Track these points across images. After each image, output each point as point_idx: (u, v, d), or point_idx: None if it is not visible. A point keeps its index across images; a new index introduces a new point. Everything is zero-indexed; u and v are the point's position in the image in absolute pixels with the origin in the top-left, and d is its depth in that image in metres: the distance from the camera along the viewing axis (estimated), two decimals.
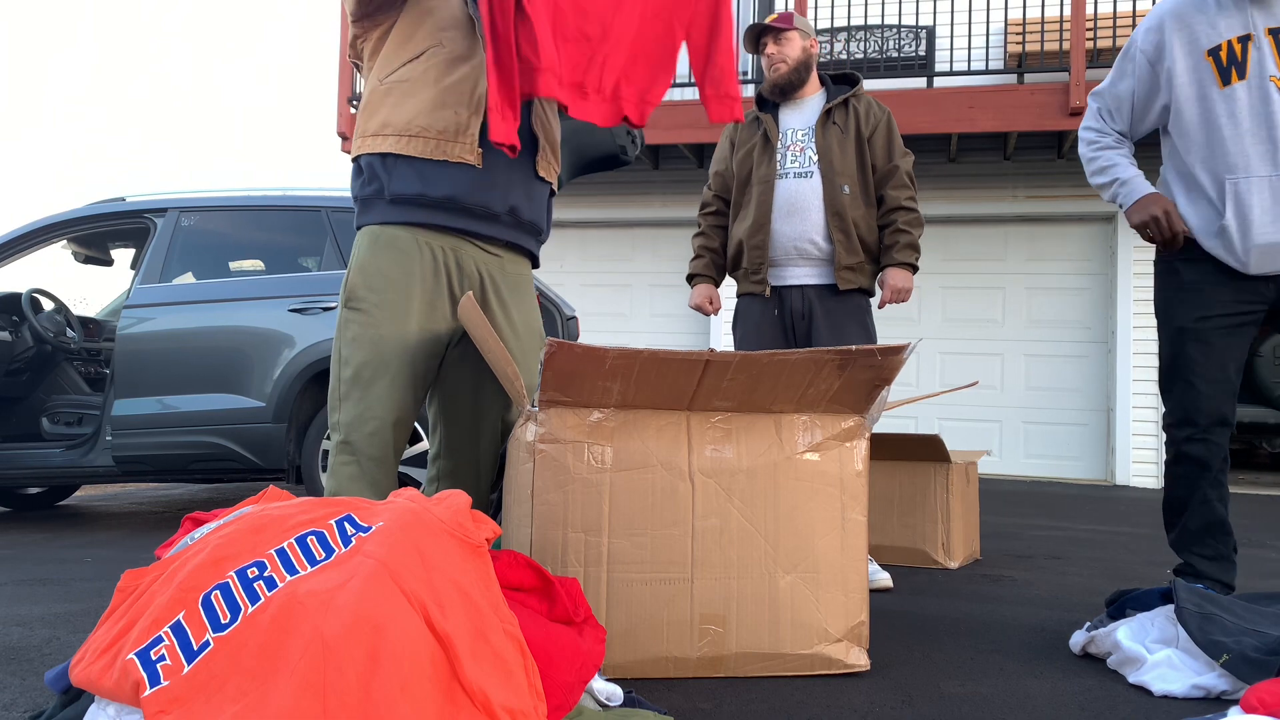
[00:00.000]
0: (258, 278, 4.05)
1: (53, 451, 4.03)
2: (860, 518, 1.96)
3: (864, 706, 1.75)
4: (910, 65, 7.07)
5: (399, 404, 2.03)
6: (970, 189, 7.24)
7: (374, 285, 2.03)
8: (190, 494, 5.78)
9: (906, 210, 2.82)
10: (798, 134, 2.89)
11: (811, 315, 2.86)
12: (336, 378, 2.05)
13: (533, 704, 1.29)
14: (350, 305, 2.05)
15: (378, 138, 2.03)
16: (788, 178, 2.86)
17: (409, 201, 2.04)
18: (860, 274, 2.84)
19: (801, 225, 2.82)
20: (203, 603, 1.26)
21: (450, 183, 2.03)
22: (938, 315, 7.44)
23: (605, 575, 1.85)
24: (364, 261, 2.05)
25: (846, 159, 2.83)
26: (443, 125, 2.01)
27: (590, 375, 1.78)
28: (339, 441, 2.04)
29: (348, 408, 2.02)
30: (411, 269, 2.04)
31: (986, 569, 3.27)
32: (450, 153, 2.02)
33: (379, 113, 2.04)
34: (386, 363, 2.01)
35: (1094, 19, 6.61)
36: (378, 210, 2.06)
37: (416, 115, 2.01)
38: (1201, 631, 1.84)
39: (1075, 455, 7.13)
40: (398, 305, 2.02)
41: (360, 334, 2.02)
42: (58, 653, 2.09)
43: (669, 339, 7.86)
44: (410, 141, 2.01)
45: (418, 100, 2.01)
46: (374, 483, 2.01)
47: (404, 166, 2.03)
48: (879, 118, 2.87)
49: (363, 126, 2.08)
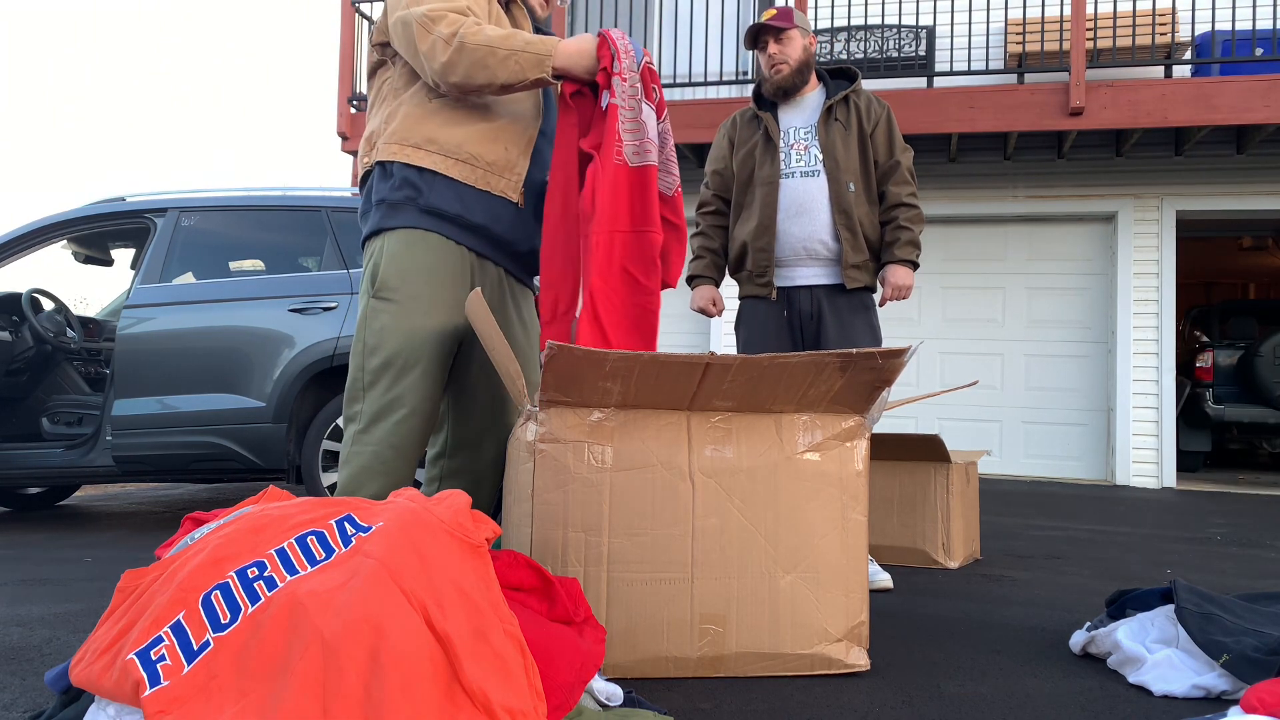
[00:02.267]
0: (258, 278, 4.05)
1: (53, 451, 4.03)
2: (860, 518, 1.96)
3: (864, 706, 1.75)
4: (910, 65, 7.06)
5: (428, 396, 2.04)
6: (970, 189, 7.24)
7: (408, 276, 2.02)
8: (190, 494, 5.78)
9: (908, 207, 2.81)
10: (800, 132, 2.86)
11: (820, 316, 2.84)
12: (361, 367, 2.04)
13: (533, 704, 1.29)
14: (381, 295, 2.03)
15: (420, 150, 2.02)
16: (794, 177, 2.83)
17: (446, 217, 2.04)
18: (865, 272, 2.83)
19: (810, 225, 2.81)
20: (203, 603, 1.26)
21: (487, 213, 2.06)
22: (938, 315, 7.44)
23: (605, 575, 1.85)
24: (397, 253, 2.04)
25: (850, 156, 2.81)
26: (493, 158, 2.04)
27: (591, 377, 1.78)
28: (359, 430, 2.02)
29: (374, 396, 2.02)
30: (445, 264, 2.05)
31: (986, 569, 3.27)
32: (494, 186, 2.05)
33: (423, 127, 2.03)
34: (420, 353, 2.02)
35: (1094, 19, 6.61)
36: (409, 215, 2.05)
37: (466, 141, 2.02)
38: (1201, 631, 1.84)
39: (1075, 455, 7.13)
40: (431, 298, 2.03)
41: (391, 324, 2.02)
42: (58, 653, 2.09)
43: (669, 339, 7.86)
44: (457, 165, 2.02)
45: (470, 128, 2.03)
46: (390, 472, 2.00)
47: (444, 185, 2.03)
48: (879, 113, 2.85)
49: (400, 134, 2.05)
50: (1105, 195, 7.00)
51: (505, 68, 1.92)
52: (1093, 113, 6.16)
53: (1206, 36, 6.41)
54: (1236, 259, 11.19)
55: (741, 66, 7.57)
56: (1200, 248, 10.40)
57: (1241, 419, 7.47)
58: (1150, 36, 6.55)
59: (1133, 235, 6.92)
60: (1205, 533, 4.38)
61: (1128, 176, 6.97)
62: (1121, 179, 6.98)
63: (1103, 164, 7.01)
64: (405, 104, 2.07)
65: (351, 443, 2.03)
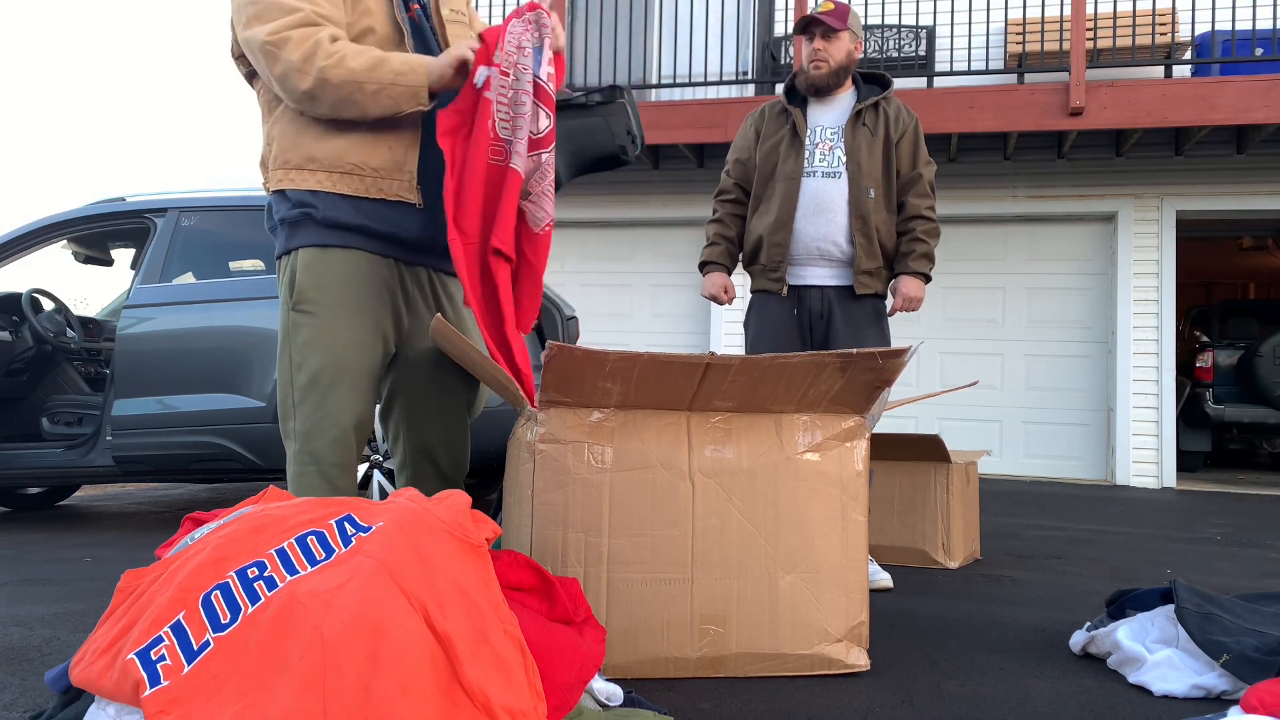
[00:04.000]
0: (258, 278, 4.05)
1: (53, 451, 4.03)
2: (860, 518, 1.96)
3: (864, 706, 1.75)
4: (910, 65, 7.07)
5: (359, 409, 1.94)
6: (970, 189, 7.24)
7: (324, 286, 1.91)
8: (190, 494, 5.78)
9: (926, 220, 2.82)
10: (827, 132, 2.84)
11: (830, 317, 2.83)
12: (289, 384, 1.93)
13: (533, 704, 1.29)
14: (300, 309, 1.92)
15: (304, 172, 1.89)
16: (815, 176, 2.82)
17: (350, 229, 1.91)
18: (877, 279, 2.83)
19: (826, 226, 2.80)
20: (203, 603, 1.26)
21: (388, 220, 1.93)
22: (938, 315, 7.44)
23: (605, 575, 1.85)
24: (312, 264, 1.92)
25: (874, 162, 2.80)
26: (378, 162, 1.89)
27: (590, 377, 1.78)
28: (297, 450, 1.93)
29: (304, 414, 1.91)
30: (361, 273, 1.94)
31: (986, 569, 3.27)
32: (388, 190, 1.92)
33: (301, 145, 1.89)
34: (345, 366, 1.91)
35: (1094, 19, 6.61)
36: (309, 233, 1.92)
37: (347, 151, 1.88)
38: (1201, 631, 1.84)
39: (1075, 455, 7.12)
40: (355, 306, 1.92)
41: (313, 338, 1.91)
42: (58, 653, 2.09)
43: (669, 339, 7.86)
44: (344, 179, 1.89)
45: (347, 137, 1.88)
46: (337, 489, 1.93)
47: (339, 201, 1.90)
48: (908, 123, 2.85)
49: (281, 157, 1.91)
50: (1105, 195, 7.00)
51: (377, 103, 1.80)
52: (1093, 113, 6.16)
53: (1206, 36, 6.42)
54: (1236, 259, 11.19)
55: (741, 67, 7.57)
56: (1200, 248, 10.40)
57: (1241, 419, 7.47)
58: (1150, 36, 6.55)
59: (1133, 235, 6.91)
60: (1205, 533, 4.38)
61: (1128, 176, 6.96)
62: (1121, 179, 6.98)
63: (1103, 164, 7.01)
64: (279, 120, 1.93)
65: (293, 462, 1.94)
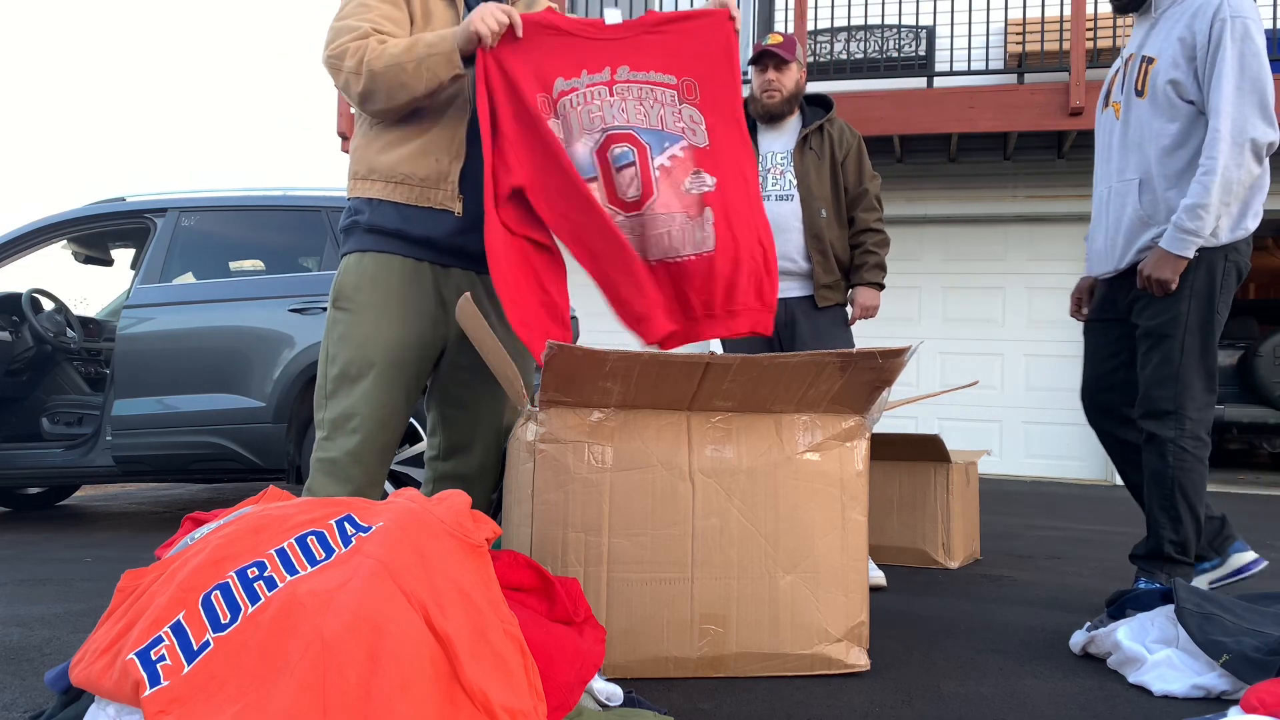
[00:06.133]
0: (258, 278, 4.05)
1: (53, 451, 4.03)
2: (860, 518, 1.96)
3: (864, 706, 1.75)
4: (910, 65, 7.06)
5: (383, 403, 2.05)
6: (970, 189, 7.24)
7: (361, 285, 2.07)
8: (190, 494, 5.78)
9: (875, 232, 3.00)
10: (777, 157, 3.02)
11: (794, 325, 2.99)
12: (324, 376, 2.09)
13: (533, 704, 1.29)
14: (338, 305, 2.09)
15: (366, 181, 2.09)
16: (769, 200, 2.98)
17: (387, 233, 2.08)
18: (836, 291, 3.01)
19: (783, 245, 2.95)
20: (203, 603, 1.26)
21: (426, 225, 2.08)
22: (938, 315, 7.44)
23: (605, 575, 1.85)
24: (350, 267, 2.11)
25: (823, 183, 2.97)
26: (425, 173, 2.07)
27: (591, 377, 1.78)
28: (322, 438, 2.07)
29: (333, 405, 2.06)
30: (394, 275, 2.08)
31: (986, 569, 3.27)
32: (433, 199, 2.08)
33: (366, 157, 2.10)
34: (371, 360, 2.04)
35: (1094, 19, 6.61)
36: (355, 239, 2.12)
37: (400, 162, 2.06)
38: (1201, 631, 1.84)
39: (1075, 455, 7.12)
40: (384, 305, 2.06)
41: (347, 332, 2.06)
42: (58, 653, 2.09)
43: None
44: (396, 188, 2.07)
45: (402, 149, 2.07)
46: (347, 479, 2.03)
47: (387, 208, 2.08)
48: (850, 143, 3.03)
49: (354, 168, 2.14)
50: None
51: (419, 78, 1.95)
52: (1093, 112, 6.15)
53: None
54: None
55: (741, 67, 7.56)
56: None
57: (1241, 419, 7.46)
58: None
59: None
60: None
61: None
62: None
63: None
64: (358, 135, 2.15)
65: (316, 450, 2.08)
